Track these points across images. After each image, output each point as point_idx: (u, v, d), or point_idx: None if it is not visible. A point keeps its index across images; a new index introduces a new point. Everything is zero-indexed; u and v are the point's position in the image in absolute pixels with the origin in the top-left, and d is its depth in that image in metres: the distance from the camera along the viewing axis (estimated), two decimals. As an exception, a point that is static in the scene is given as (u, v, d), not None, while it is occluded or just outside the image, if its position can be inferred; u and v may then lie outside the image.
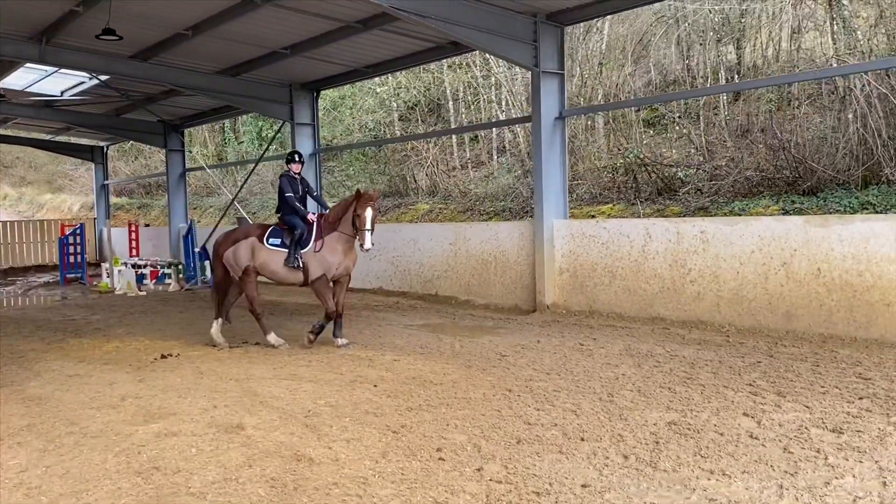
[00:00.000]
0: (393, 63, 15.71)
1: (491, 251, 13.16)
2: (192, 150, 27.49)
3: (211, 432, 5.84)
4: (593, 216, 15.44)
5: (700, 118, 16.99)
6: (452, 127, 21.84)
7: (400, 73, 22.45)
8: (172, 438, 5.70)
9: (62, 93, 19.39)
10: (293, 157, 10.06)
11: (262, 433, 5.79)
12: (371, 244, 9.12)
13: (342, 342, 9.48)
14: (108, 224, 27.21)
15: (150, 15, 12.98)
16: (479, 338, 10.01)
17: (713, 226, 10.26)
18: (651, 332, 9.98)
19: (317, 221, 9.54)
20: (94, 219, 27.85)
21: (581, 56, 19.38)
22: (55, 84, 18.61)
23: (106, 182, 27.97)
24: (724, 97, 17.02)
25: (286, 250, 9.46)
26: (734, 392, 6.71)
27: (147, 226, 27.02)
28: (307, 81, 17.33)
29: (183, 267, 18.83)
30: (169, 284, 18.28)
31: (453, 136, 22.09)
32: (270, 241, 9.56)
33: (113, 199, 30.64)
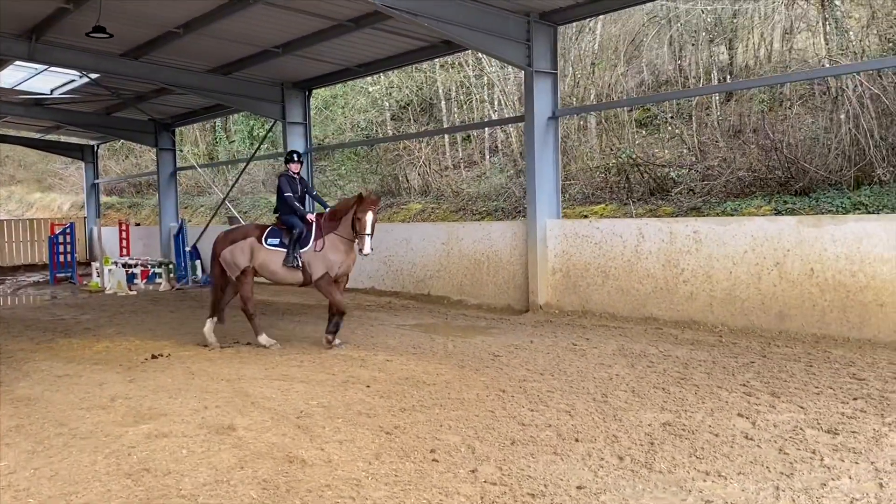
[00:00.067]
0: (385, 62, 15.67)
1: (483, 251, 13.13)
2: (182, 149, 27.33)
3: (202, 433, 5.79)
4: (586, 216, 15.42)
5: (692, 118, 17.00)
6: (444, 127, 21.81)
7: (392, 73, 22.42)
8: (163, 440, 5.64)
9: (52, 91, 19.27)
10: (292, 157, 9.99)
11: (254, 434, 5.74)
12: (371, 249, 9.08)
13: (336, 342, 9.43)
14: (99, 223, 27.09)
15: (141, 13, 12.91)
16: (471, 338, 9.97)
17: (706, 226, 10.25)
18: (644, 333, 9.97)
19: (316, 221, 9.50)
20: (85, 218, 27.73)
21: (573, 56, 19.37)
22: (45, 82, 18.51)
23: (96, 181, 27.87)
24: (716, 97, 17.04)
25: (285, 250, 9.42)
26: (728, 392, 6.69)
27: (138, 225, 26.91)
28: (299, 80, 17.27)
29: (174, 266, 18.79)
30: (159, 284, 18.22)
31: (445, 136, 22.05)
32: (269, 241, 9.50)
33: (103, 199, 30.53)
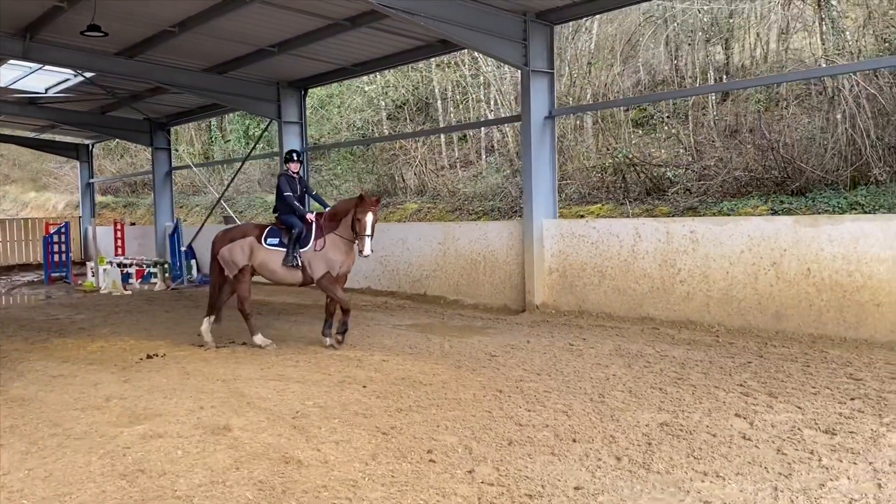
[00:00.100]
0: (381, 61, 15.62)
1: (480, 251, 13.10)
2: (178, 149, 27.31)
3: (197, 434, 5.75)
4: (582, 216, 15.41)
5: (689, 118, 17.00)
6: (441, 126, 21.78)
7: (388, 72, 22.37)
8: (158, 440, 5.61)
9: (46, 90, 19.18)
10: (292, 156, 9.95)
11: (250, 435, 5.71)
12: (371, 251, 9.03)
13: (330, 342, 9.41)
14: (94, 223, 26.99)
15: (136, 11, 12.84)
16: (468, 338, 9.95)
17: (703, 226, 10.23)
18: (641, 332, 9.95)
19: (316, 221, 9.46)
20: (80, 217, 27.62)
21: (570, 55, 19.35)
22: (39, 81, 18.42)
23: (91, 180, 27.77)
24: (712, 97, 17.04)
25: (284, 250, 9.37)
26: (725, 393, 6.68)
27: (133, 224, 26.82)
28: (295, 79, 17.21)
29: (169, 266, 18.73)
30: (155, 283, 18.16)
31: (442, 136, 22.02)
32: (269, 240, 9.45)
33: (98, 198, 30.40)
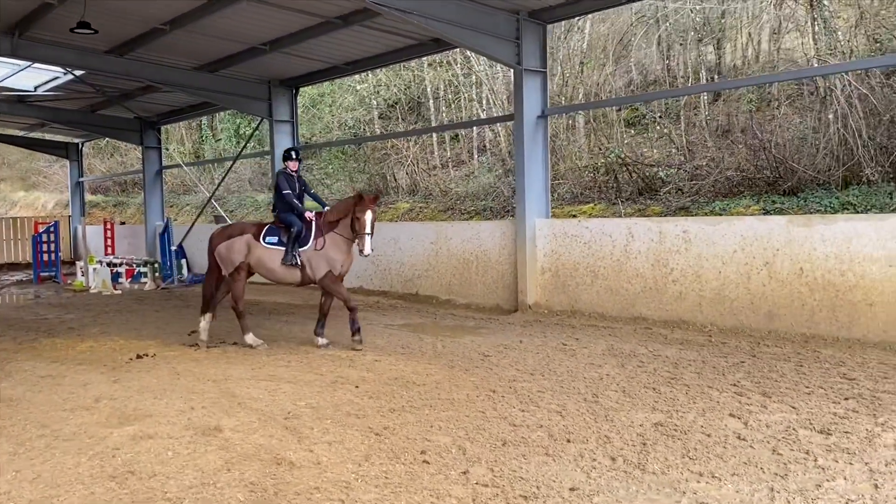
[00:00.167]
0: (373, 60, 15.58)
1: (472, 250, 13.06)
2: (168, 148, 27.15)
3: (188, 435, 5.69)
4: (574, 216, 15.38)
5: (681, 118, 17.00)
6: (433, 126, 21.73)
7: (380, 71, 22.31)
8: (148, 441, 5.55)
9: (36, 88, 19.04)
10: (290, 155, 9.87)
11: (241, 436, 5.65)
12: (371, 250, 8.96)
13: (322, 342, 9.36)
14: (83, 222, 26.84)
15: (126, 9, 12.75)
16: (460, 338, 9.91)
17: (696, 225, 10.22)
18: (633, 332, 9.94)
19: (315, 220, 9.39)
20: (69, 216, 27.47)
21: (562, 55, 19.33)
22: (28, 79, 18.27)
23: (81, 179, 27.62)
24: (704, 97, 17.04)
25: (283, 248, 9.30)
26: (719, 392, 6.66)
27: (123, 224, 26.69)
28: (286, 78, 17.15)
29: (159, 265, 18.64)
30: (145, 283, 18.06)
31: (434, 135, 21.96)
32: (267, 239, 9.38)
33: (88, 197, 30.25)
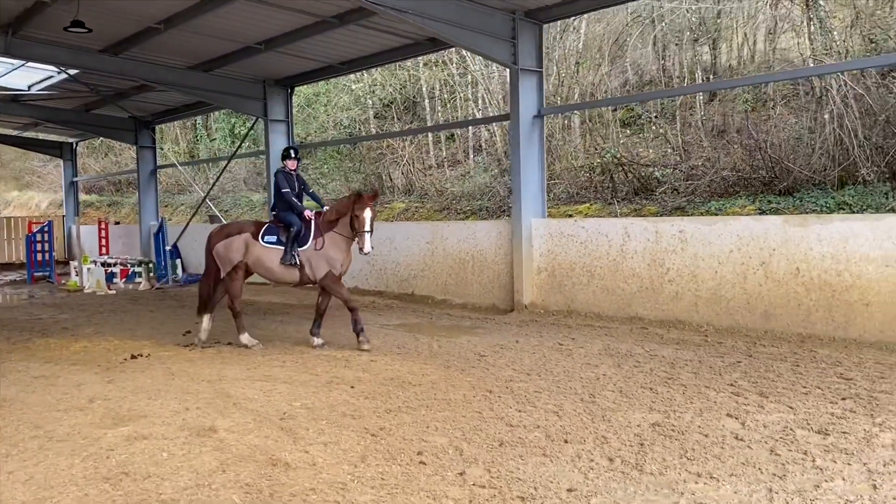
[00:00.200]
0: (368, 59, 15.52)
1: (468, 250, 13.03)
2: (163, 147, 27.10)
3: (182, 436, 5.65)
4: (570, 216, 15.37)
5: (676, 118, 17.00)
6: (428, 125, 21.69)
7: (375, 70, 22.28)
8: (142, 442, 5.51)
9: (29, 87, 18.96)
10: (289, 153, 9.84)
11: (236, 436, 5.61)
12: (371, 248, 8.92)
13: (318, 342, 9.32)
14: (77, 221, 26.81)
15: (120, 8, 12.68)
16: (456, 338, 9.88)
17: (692, 225, 10.21)
18: (629, 332, 9.92)
19: (314, 219, 9.34)
20: (63, 216, 27.37)
21: (558, 55, 19.32)
22: (22, 78, 18.18)
23: (75, 179, 27.53)
24: (700, 97, 17.05)
25: (282, 248, 9.26)
26: (716, 392, 6.64)
27: (117, 223, 26.60)
28: (281, 77, 17.09)
29: (154, 265, 18.58)
30: (139, 283, 17.99)
31: (429, 135, 21.93)
32: (266, 238, 9.33)
33: (82, 197, 30.18)
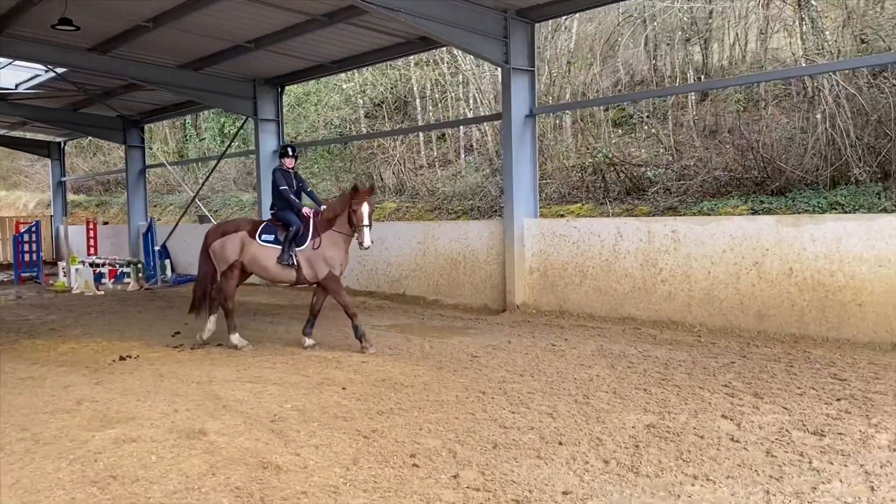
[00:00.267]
0: (359, 58, 15.45)
1: (460, 250, 12.97)
2: (152, 147, 26.96)
3: (172, 438, 5.57)
4: (562, 215, 15.33)
5: (668, 118, 17.00)
6: (419, 125, 21.62)
7: (366, 70, 22.20)
8: (131, 445, 5.42)
9: (16, 86, 18.79)
10: (287, 152, 9.76)
11: (226, 439, 5.53)
12: (371, 241, 8.81)
13: (309, 343, 9.24)
14: (65, 222, 26.62)
15: (108, 5, 12.56)
16: (448, 338, 9.82)
17: (685, 225, 10.18)
18: (622, 333, 9.88)
19: (312, 219, 9.26)
20: (51, 216, 27.19)
21: (549, 55, 19.29)
22: (9, 76, 18.03)
23: (63, 179, 27.35)
24: (691, 97, 17.04)
25: (279, 247, 9.16)
26: (710, 393, 6.60)
27: (105, 223, 26.44)
28: (271, 77, 17.00)
29: (142, 266, 18.44)
30: (128, 284, 17.84)
31: (420, 134, 21.87)
32: (263, 237, 9.24)
33: (70, 197, 29.99)
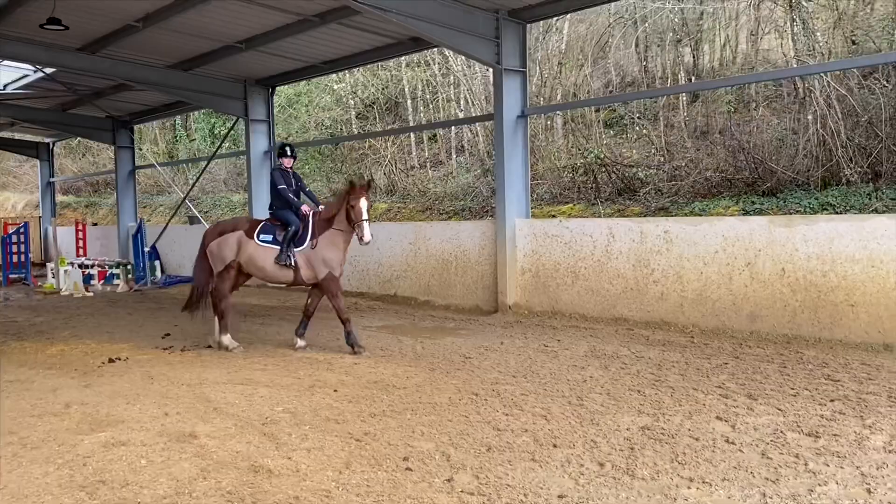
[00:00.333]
0: (351, 59, 15.40)
1: (451, 251, 12.93)
2: (141, 148, 26.81)
3: (162, 441, 5.51)
4: (554, 216, 15.31)
5: (659, 119, 17.00)
6: (411, 125, 21.57)
7: (357, 71, 22.15)
8: (120, 448, 5.36)
9: (5, 86, 18.63)
10: (285, 151, 9.72)
11: (217, 442, 5.47)
12: (371, 236, 8.71)
13: (301, 344, 9.18)
14: (54, 223, 26.45)
15: (98, 5, 12.46)
16: (440, 339, 9.77)
17: (677, 226, 10.16)
18: (615, 333, 9.86)
19: (311, 218, 9.18)
20: (40, 217, 27.01)
21: (540, 56, 19.27)
22: (-3, 76, 17.92)
23: (52, 179, 27.20)
24: (682, 98, 17.05)
25: (277, 247, 9.08)
26: (704, 395, 6.58)
27: (95, 225, 26.26)
28: (262, 77, 16.92)
29: (132, 267, 18.33)
30: (117, 285, 17.72)
31: (411, 135, 21.82)
32: (261, 237, 9.16)
33: (59, 198, 29.82)
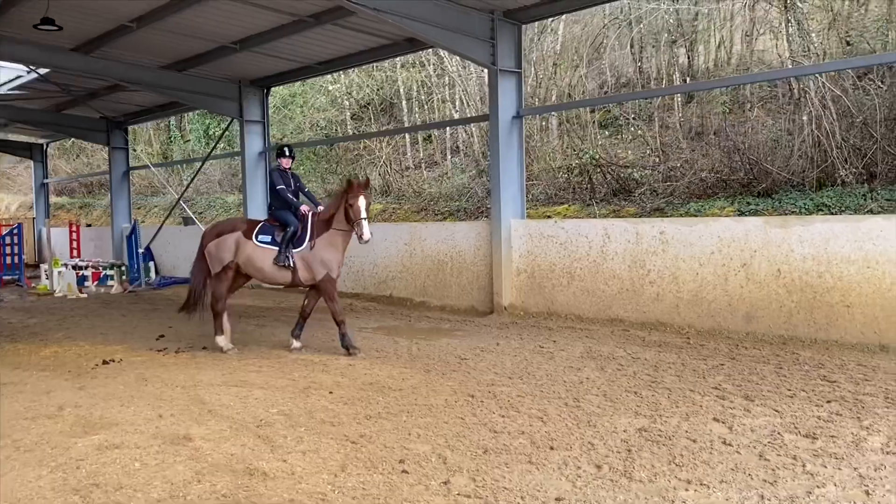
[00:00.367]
0: (346, 60, 15.37)
1: (447, 251, 12.91)
2: (136, 149, 26.69)
3: (156, 444, 5.47)
4: (549, 216, 15.29)
5: (654, 120, 17.00)
6: (406, 126, 21.55)
7: (352, 71, 22.12)
8: (114, 451, 5.31)
9: (-2, 87, 18.60)
10: (284, 152, 9.70)
11: (212, 445, 5.44)
12: (370, 234, 8.66)
13: (296, 345, 9.15)
14: (48, 224, 26.34)
15: (92, 5, 12.43)
16: (436, 340, 9.75)
17: (672, 226, 10.15)
18: (611, 334, 9.85)
19: (310, 219, 9.14)
20: (33, 218, 26.92)
21: (535, 56, 19.28)
22: (-10, 77, 17.84)
23: (45, 181, 27.11)
24: (677, 99, 17.06)
25: (276, 248, 9.03)
26: (701, 396, 6.56)
27: (89, 226, 26.20)
28: (257, 78, 16.88)
29: (126, 268, 18.25)
30: (111, 286, 17.65)
31: (406, 136, 21.81)
32: (260, 237, 9.10)
33: (53, 199, 29.72)
